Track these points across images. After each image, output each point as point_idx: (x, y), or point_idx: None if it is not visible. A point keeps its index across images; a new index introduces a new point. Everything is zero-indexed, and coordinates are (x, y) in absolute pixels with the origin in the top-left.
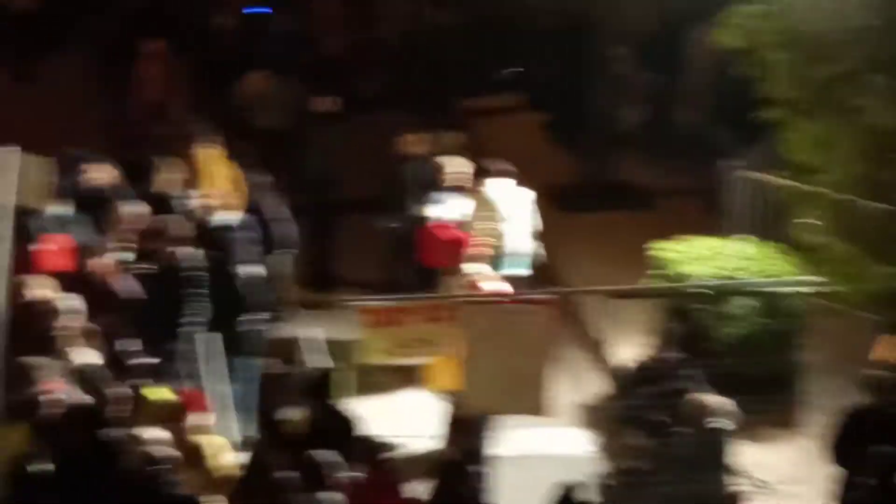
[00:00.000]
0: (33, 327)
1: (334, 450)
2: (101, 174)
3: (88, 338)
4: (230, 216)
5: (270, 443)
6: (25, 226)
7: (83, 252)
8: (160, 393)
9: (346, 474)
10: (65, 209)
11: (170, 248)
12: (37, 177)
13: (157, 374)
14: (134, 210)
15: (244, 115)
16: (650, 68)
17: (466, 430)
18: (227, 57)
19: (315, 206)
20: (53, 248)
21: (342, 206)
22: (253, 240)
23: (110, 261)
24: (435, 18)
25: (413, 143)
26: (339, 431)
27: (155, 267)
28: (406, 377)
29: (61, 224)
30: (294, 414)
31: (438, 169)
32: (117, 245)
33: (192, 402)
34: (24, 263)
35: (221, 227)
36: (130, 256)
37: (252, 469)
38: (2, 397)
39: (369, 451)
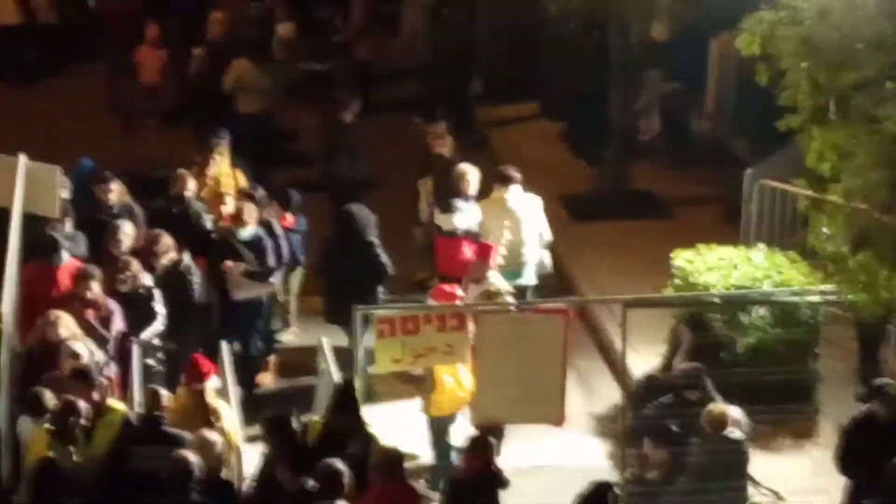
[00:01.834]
0: (50, 366)
1: (351, 458)
2: (111, 192)
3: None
4: (247, 230)
5: (284, 451)
6: (38, 236)
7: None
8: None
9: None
10: (69, 226)
11: (165, 262)
12: (45, 184)
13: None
14: (130, 231)
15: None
16: (669, 76)
17: (482, 450)
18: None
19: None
20: (72, 270)
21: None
22: (265, 253)
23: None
24: (455, 25)
25: (443, 147)
26: (356, 440)
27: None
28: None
29: (69, 240)
30: (311, 421)
31: (461, 175)
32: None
33: (203, 367)
34: (39, 280)
35: (240, 240)
36: (147, 278)
37: (262, 481)
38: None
39: (387, 461)
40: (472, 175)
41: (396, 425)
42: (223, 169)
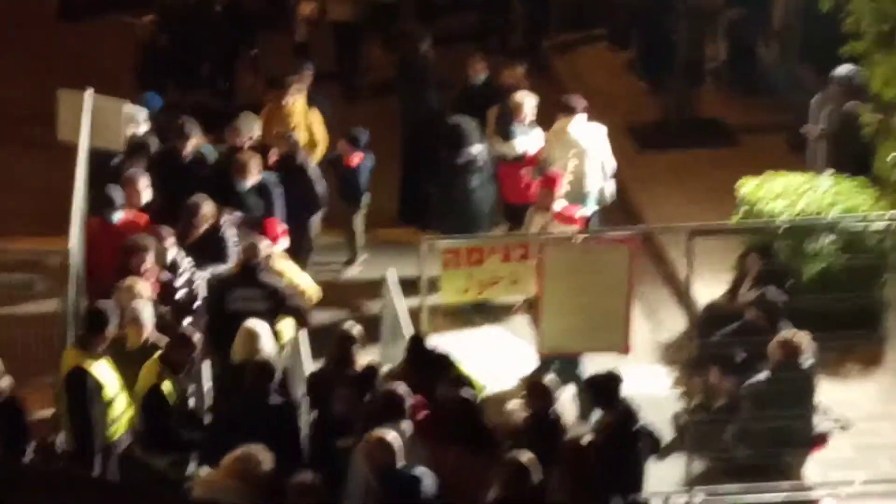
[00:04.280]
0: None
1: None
2: (190, 142)
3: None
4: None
5: (344, 370)
6: (114, 168)
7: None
8: None
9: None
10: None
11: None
12: (111, 119)
13: None
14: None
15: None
16: (734, 3)
17: (541, 394)
18: None
19: (407, 142)
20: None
21: (432, 140)
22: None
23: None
24: None
25: (506, 76)
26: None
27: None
28: (489, 315)
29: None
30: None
31: (519, 103)
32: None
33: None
34: (99, 236)
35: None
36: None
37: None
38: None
39: (454, 389)
40: (528, 102)
41: (466, 354)
42: (298, 107)
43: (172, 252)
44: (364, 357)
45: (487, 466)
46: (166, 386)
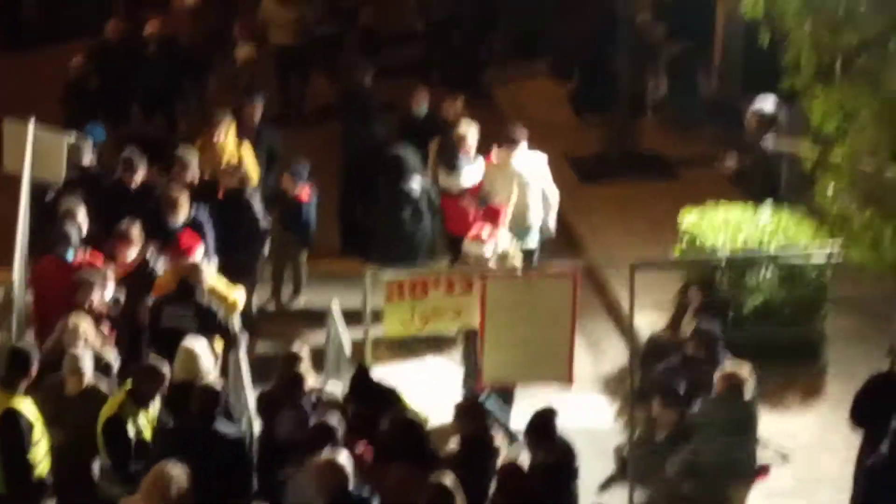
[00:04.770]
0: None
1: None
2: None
3: None
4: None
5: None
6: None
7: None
8: None
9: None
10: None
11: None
12: (52, 151)
13: None
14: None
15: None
16: (675, 37)
17: (474, 415)
18: None
19: (347, 171)
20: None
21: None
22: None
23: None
24: None
25: (447, 108)
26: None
27: None
28: (429, 347)
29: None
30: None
31: (462, 135)
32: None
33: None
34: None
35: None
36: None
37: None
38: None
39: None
40: (472, 133)
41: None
42: (229, 141)
43: (112, 288)
44: (312, 377)
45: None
46: (129, 417)
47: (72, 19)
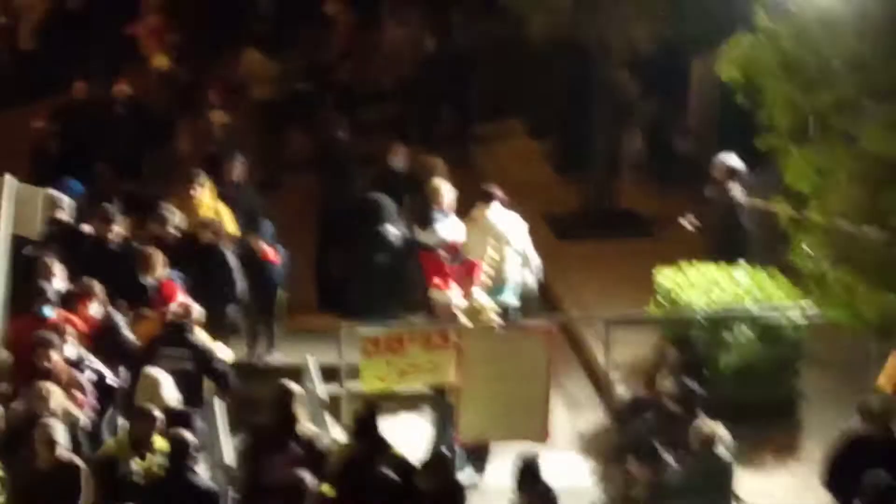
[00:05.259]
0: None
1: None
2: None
3: None
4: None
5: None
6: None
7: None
8: None
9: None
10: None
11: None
12: (29, 206)
13: None
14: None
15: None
16: (651, 96)
17: (440, 467)
18: None
19: (324, 224)
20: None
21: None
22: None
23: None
24: (438, 45)
25: (422, 164)
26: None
27: None
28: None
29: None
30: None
31: (436, 189)
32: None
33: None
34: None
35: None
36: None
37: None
38: None
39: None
40: (445, 188)
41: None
42: (206, 196)
43: (74, 347)
44: (304, 415)
45: None
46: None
47: (44, 76)
